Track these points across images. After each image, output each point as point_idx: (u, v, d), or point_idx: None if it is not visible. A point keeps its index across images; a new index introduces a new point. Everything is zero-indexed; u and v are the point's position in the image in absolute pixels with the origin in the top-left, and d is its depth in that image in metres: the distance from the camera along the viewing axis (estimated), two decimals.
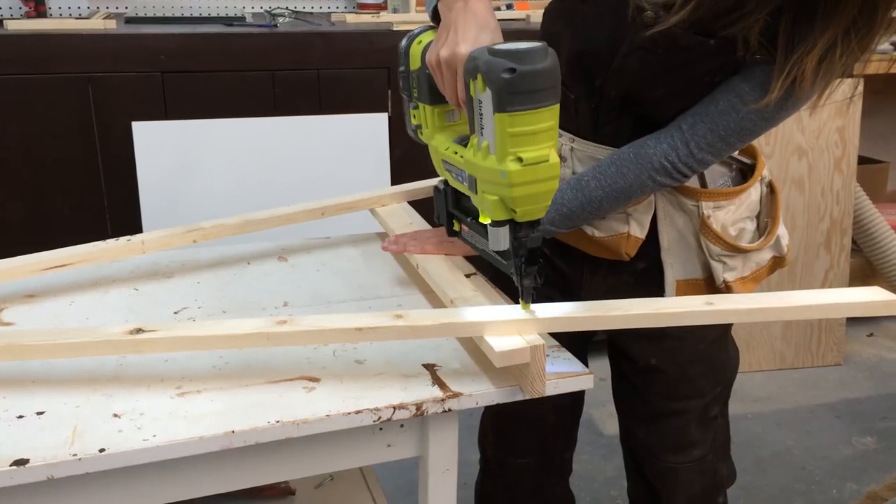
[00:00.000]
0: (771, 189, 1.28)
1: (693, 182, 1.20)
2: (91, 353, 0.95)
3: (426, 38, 1.12)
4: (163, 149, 2.15)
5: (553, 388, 0.98)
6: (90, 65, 2.12)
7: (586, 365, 1.07)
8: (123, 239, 1.28)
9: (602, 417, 2.46)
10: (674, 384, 1.34)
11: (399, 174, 2.25)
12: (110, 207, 2.21)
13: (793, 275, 2.69)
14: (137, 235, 1.28)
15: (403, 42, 1.15)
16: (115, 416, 0.90)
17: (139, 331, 0.94)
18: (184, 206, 2.20)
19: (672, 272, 1.22)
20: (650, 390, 1.36)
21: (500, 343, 0.94)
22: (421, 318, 0.96)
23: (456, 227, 1.16)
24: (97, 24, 2.23)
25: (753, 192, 1.25)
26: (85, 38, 2.12)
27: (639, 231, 1.22)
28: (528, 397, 0.96)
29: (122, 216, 2.20)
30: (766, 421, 2.52)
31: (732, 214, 1.22)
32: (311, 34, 2.25)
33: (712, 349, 1.34)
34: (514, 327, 0.96)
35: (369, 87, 2.29)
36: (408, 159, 2.31)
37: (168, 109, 2.18)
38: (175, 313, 1.18)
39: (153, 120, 2.14)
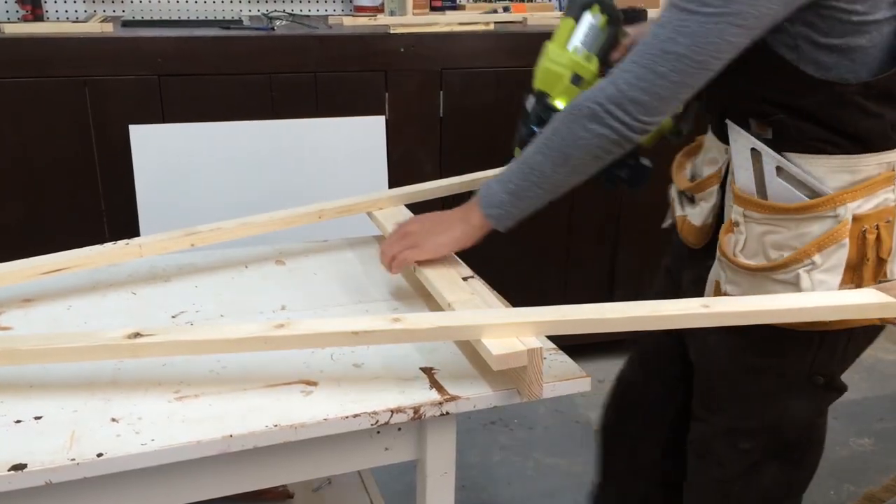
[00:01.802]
0: (868, 236, 1.09)
1: (748, 189, 1.13)
2: (89, 358, 0.95)
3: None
4: (160, 152, 2.15)
5: (550, 390, 0.98)
6: (87, 68, 2.11)
7: None
8: (121, 243, 1.28)
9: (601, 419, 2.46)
10: (702, 387, 1.29)
11: (396, 177, 2.26)
12: (108, 211, 2.20)
13: None
14: (135, 239, 1.28)
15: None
16: (114, 420, 0.90)
17: (137, 335, 0.94)
18: (181, 209, 2.20)
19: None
20: (693, 383, 1.33)
21: (498, 346, 0.94)
22: (418, 322, 0.96)
23: None
24: (94, 28, 2.23)
25: (816, 225, 1.08)
26: (82, 42, 2.11)
27: (696, 219, 1.21)
28: (524, 400, 0.96)
29: (120, 219, 2.20)
30: None
31: (779, 236, 1.11)
32: (308, 37, 2.24)
33: (749, 378, 1.21)
34: (512, 330, 0.96)
35: (366, 90, 2.27)
36: (405, 162, 2.32)
37: (165, 112, 2.17)
38: (173, 317, 1.18)
39: (150, 123, 2.13)
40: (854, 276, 1.09)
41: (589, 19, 1.26)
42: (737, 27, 0.98)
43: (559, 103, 1.26)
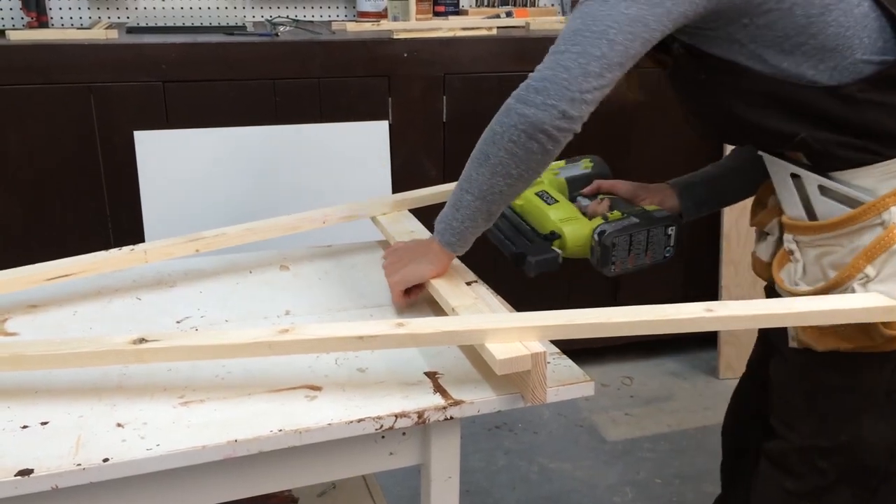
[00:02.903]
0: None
1: (797, 215, 1.12)
2: (94, 363, 0.95)
3: None
4: (164, 157, 2.14)
5: (554, 395, 0.98)
6: (92, 74, 2.12)
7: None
8: (126, 248, 1.28)
9: (604, 424, 2.47)
10: (779, 402, 1.25)
11: (400, 181, 2.25)
12: (112, 216, 2.21)
13: None
14: (140, 245, 1.29)
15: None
16: (119, 425, 0.90)
17: (142, 340, 0.95)
18: (186, 215, 2.20)
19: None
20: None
21: (501, 350, 0.94)
22: (422, 327, 0.97)
23: None
24: (99, 35, 2.24)
25: (866, 235, 1.06)
26: (87, 48, 2.12)
27: (764, 254, 1.21)
28: (528, 405, 0.96)
29: (125, 225, 2.20)
30: None
31: (835, 255, 1.09)
32: (311, 43, 2.25)
33: (823, 396, 1.16)
34: (515, 334, 0.96)
35: (370, 96, 2.28)
36: (408, 167, 2.32)
37: (170, 118, 2.17)
38: (178, 323, 1.18)
39: (155, 129, 2.13)
40: None
41: (579, 163, 1.47)
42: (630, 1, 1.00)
43: None
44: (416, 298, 1.21)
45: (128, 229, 2.19)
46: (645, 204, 1.35)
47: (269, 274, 1.37)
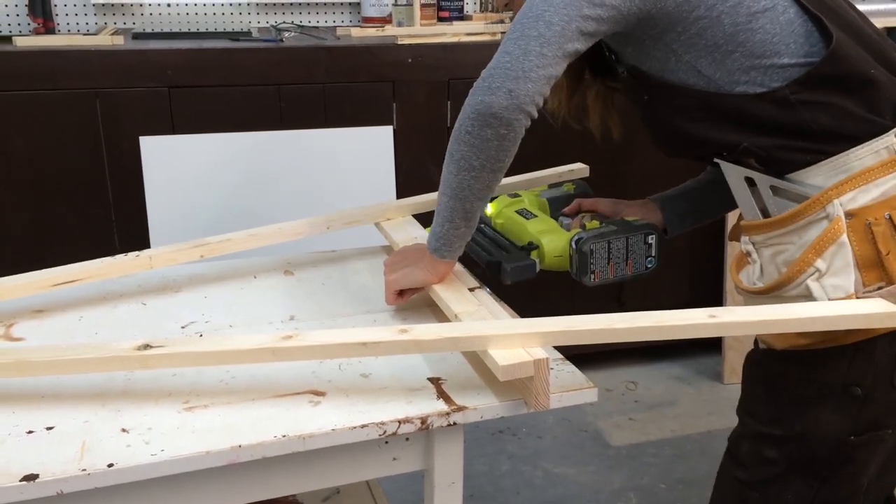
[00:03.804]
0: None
1: (753, 217, 1.15)
2: (99, 369, 0.96)
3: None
4: (170, 163, 2.15)
5: (557, 401, 0.98)
6: (98, 80, 2.13)
7: None
8: (132, 254, 1.29)
9: (609, 429, 2.47)
10: (742, 389, 1.27)
11: (405, 186, 2.25)
12: (118, 222, 2.21)
13: None
14: (145, 251, 1.30)
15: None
16: (124, 430, 0.91)
17: (147, 346, 0.95)
18: (191, 220, 2.20)
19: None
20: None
21: (504, 357, 0.94)
22: (425, 333, 0.97)
23: None
24: (105, 41, 2.25)
25: (813, 230, 1.07)
26: (92, 54, 2.13)
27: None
28: (531, 411, 0.97)
29: (130, 230, 2.21)
30: None
31: (787, 253, 1.10)
32: (316, 49, 2.26)
33: (781, 385, 1.17)
34: (518, 341, 0.96)
35: (374, 101, 2.29)
36: (413, 172, 2.32)
37: (175, 124, 2.19)
38: (182, 328, 1.19)
39: (160, 135, 2.14)
40: (878, 273, 1.06)
41: (561, 186, 1.50)
42: None
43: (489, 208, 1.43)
44: (405, 301, 1.23)
45: (133, 235, 2.19)
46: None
47: (274, 279, 1.38)
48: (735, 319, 0.97)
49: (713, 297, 2.66)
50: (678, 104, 1.12)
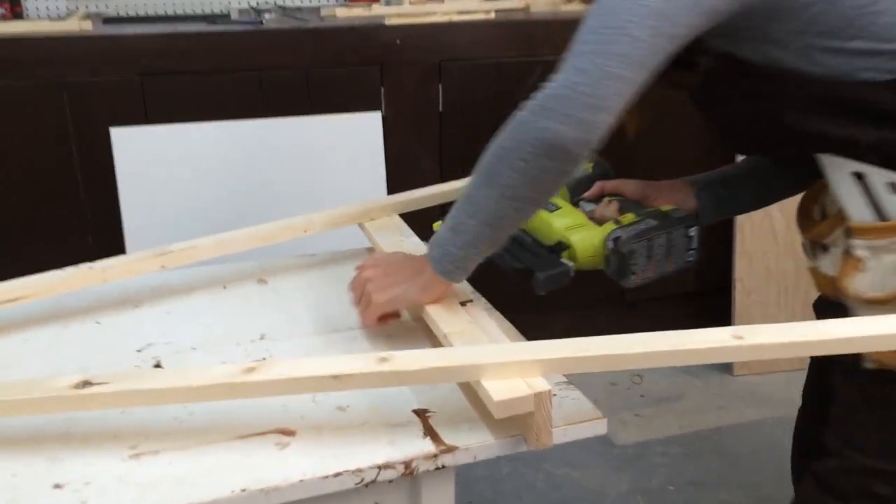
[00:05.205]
0: None
1: (865, 218, 1.00)
2: (31, 412, 0.83)
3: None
4: (144, 155, 2.04)
5: (562, 435, 0.86)
6: (65, 69, 2.01)
7: None
8: (84, 266, 1.16)
9: (613, 426, 2.35)
10: (840, 415, 1.13)
11: (394, 175, 2.16)
12: (91, 219, 2.10)
13: None
14: (99, 262, 1.17)
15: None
16: (57, 486, 0.78)
17: (86, 384, 0.83)
18: (168, 215, 2.09)
19: None
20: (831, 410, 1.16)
21: (500, 390, 0.82)
22: (408, 363, 0.84)
23: None
24: (73, 26, 2.11)
25: None
26: (59, 41, 2.01)
27: (830, 268, 1.07)
28: (531, 449, 0.84)
29: (104, 228, 2.09)
30: (788, 427, 2.40)
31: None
32: (298, 31, 2.15)
33: (893, 413, 1.06)
34: (516, 370, 0.84)
35: (362, 86, 2.17)
36: (403, 160, 2.22)
37: (149, 114, 2.07)
38: (139, 351, 1.06)
39: (133, 125, 2.02)
40: None
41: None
42: None
43: None
44: (389, 323, 1.07)
45: (107, 232, 2.08)
46: (658, 204, 1.21)
47: (246, 289, 1.25)
48: (767, 341, 0.84)
49: (722, 286, 2.54)
50: (787, 95, 0.97)
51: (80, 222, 2.09)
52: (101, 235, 2.10)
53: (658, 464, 2.20)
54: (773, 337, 0.84)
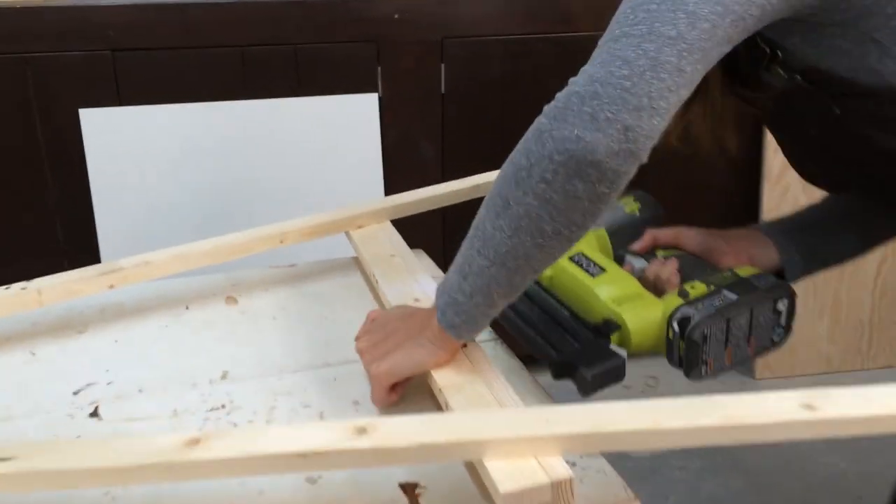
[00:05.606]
0: None
1: None
2: None
3: None
4: (116, 139, 1.90)
5: None
6: (28, 44, 1.84)
7: None
8: (16, 286, 0.99)
9: None
10: None
11: (392, 163, 2.02)
12: (60, 209, 1.93)
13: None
14: (34, 281, 0.99)
15: None
16: None
17: None
18: (141, 205, 1.94)
19: None
20: None
21: (508, 474, 0.64)
22: (392, 437, 0.67)
23: None
24: None
25: None
26: (20, 13, 1.83)
27: None
28: None
29: (74, 219, 1.93)
30: (815, 440, 2.24)
31: None
32: (285, 3, 1.97)
33: None
34: (528, 447, 0.66)
35: (356, 64, 2.00)
36: (402, 146, 2.06)
37: (121, 94, 1.90)
38: (74, 394, 0.88)
39: (104, 106, 1.88)
40: None
41: (620, 204, 1.06)
42: None
43: None
44: (402, 393, 0.84)
45: (77, 224, 1.93)
46: (728, 262, 0.97)
47: (211, 309, 1.07)
48: (846, 415, 0.66)
49: None
50: (884, 115, 0.77)
51: (49, 215, 1.92)
52: (71, 228, 1.94)
53: (676, 479, 2.05)
54: (854, 410, 0.66)
